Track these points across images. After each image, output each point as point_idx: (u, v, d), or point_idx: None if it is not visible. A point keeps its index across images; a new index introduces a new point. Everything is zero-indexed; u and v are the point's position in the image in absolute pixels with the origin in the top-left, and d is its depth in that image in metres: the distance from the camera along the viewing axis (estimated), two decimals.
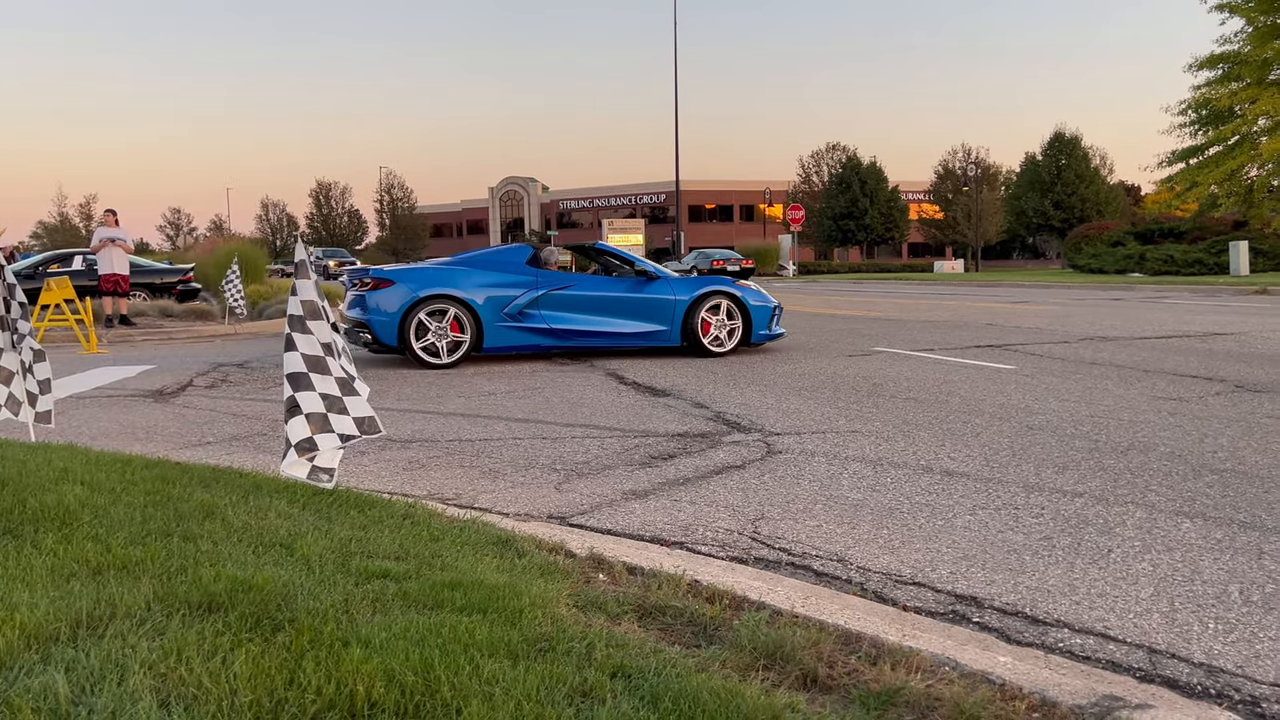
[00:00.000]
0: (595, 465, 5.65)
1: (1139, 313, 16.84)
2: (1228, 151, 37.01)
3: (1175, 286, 26.50)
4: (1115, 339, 12.04)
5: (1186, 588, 3.49)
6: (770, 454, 5.87)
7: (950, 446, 5.96)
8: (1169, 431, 6.21)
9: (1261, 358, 9.84)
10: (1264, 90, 35.91)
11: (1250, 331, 12.69)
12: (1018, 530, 4.23)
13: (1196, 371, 8.89)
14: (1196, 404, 7.20)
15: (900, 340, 12.49)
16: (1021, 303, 21.05)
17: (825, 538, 4.21)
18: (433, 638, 2.43)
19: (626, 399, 8.08)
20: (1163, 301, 20.68)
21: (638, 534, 4.30)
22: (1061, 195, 56.88)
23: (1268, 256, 33.60)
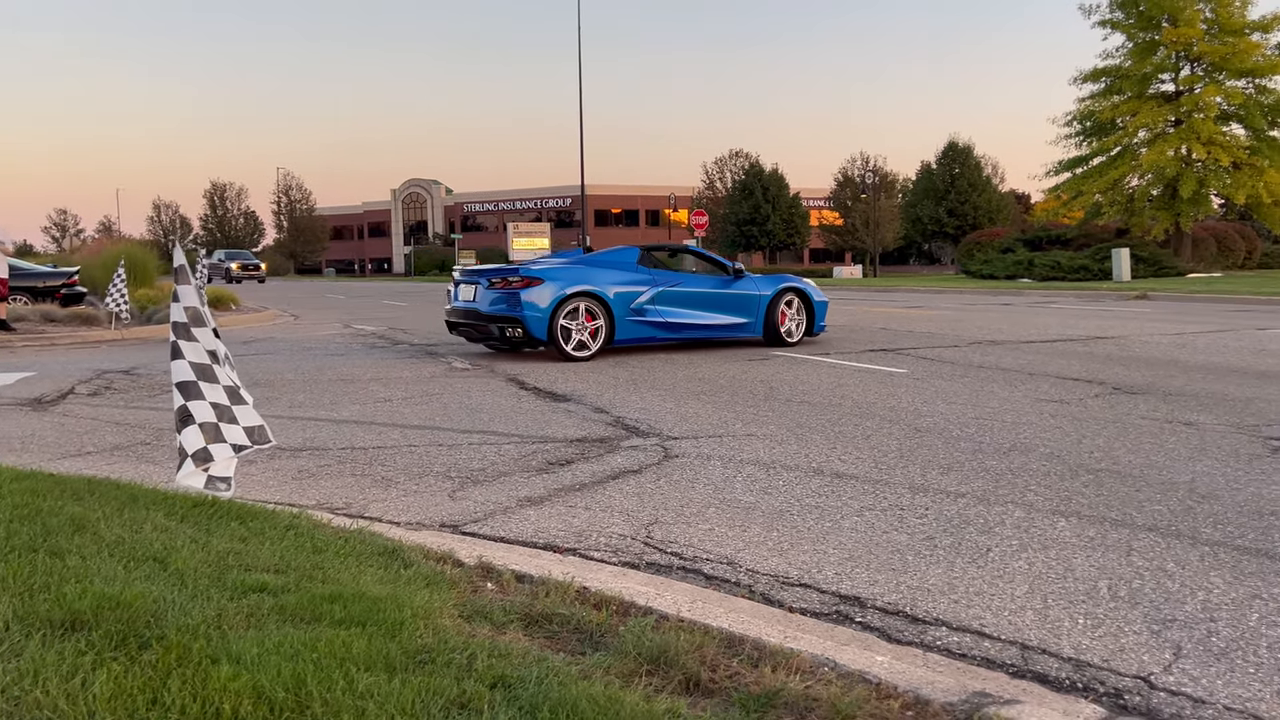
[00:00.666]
0: (491, 472, 5.60)
1: (1026, 317, 17.40)
2: (1110, 162, 38.57)
3: (1061, 291, 27.45)
4: (1003, 343, 12.42)
5: (1059, 585, 3.61)
6: (667, 458, 5.90)
7: (841, 449, 6.06)
8: (1049, 433, 6.42)
9: (1139, 361, 10.25)
10: (1143, 104, 37.54)
11: (1130, 335, 13.22)
12: (902, 531, 4.32)
13: (1078, 374, 9.22)
14: (1076, 406, 7.46)
15: (797, 345, 12.67)
16: (916, 307, 21.57)
17: (717, 541, 4.24)
18: (308, 652, 2.37)
19: (526, 405, 8.03)
20: (1049, 306, 21.40)
21: (531, 541, 4.27)
22: (955, 203, 58.56)
23: (1148, 263, 35.02)
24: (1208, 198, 38.17)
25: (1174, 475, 5.21)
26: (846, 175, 69.41)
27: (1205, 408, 7.26)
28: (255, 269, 58.20)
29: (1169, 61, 37.83)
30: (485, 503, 4.93)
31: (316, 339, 15.14)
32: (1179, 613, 3.32)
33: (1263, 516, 4.43)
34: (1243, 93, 36.59)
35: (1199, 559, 3.86)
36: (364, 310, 23.86)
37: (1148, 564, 3.81)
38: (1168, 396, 7.81)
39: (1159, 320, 16.20)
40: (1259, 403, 7.44)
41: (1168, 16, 36.63)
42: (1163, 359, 10.36)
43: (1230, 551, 3.95)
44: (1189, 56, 37.38)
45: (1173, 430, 6.43)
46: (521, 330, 11.17)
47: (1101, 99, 39.12)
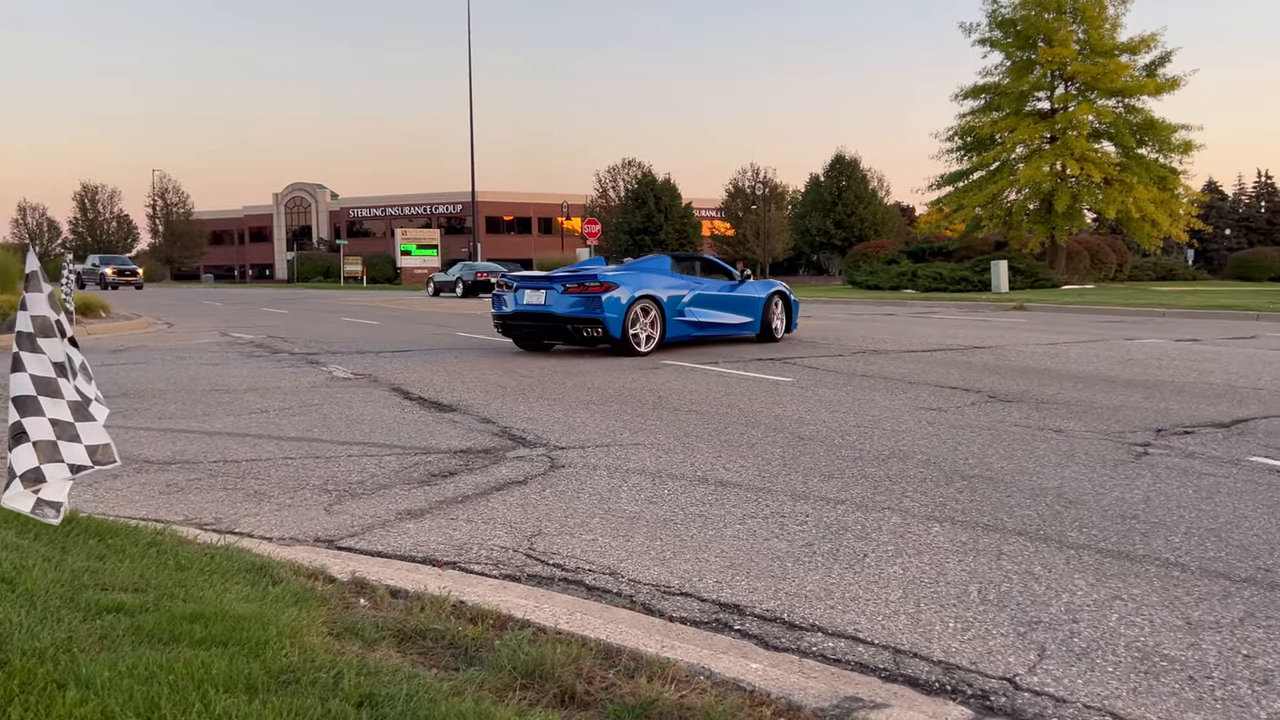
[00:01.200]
0: (371, 485, 5.49)
1: (909, 327, 17.89)
2: (990, 176, 40.00)
3: (943, 302, 28.33)
4: (886, 352, 12.74)
5: (932, 589, 3.71)
6: (553, 468, 5.87)
7: (726, 457, 6.13)
8: (927, 440, 6.61)
9: (1014, 370, 10.64)
10: (1021, 120, 39.06)
11: (1006, 345, 13.70)
12: (782, 538, 4.39)
13: (956, 383, 9.51)
14: (953, 413, 7.70)
15: (686, 354, 12.78)
16: (804, 317, 21.95)
17: (600, 551, 4.24)
18: (163, 674, 2.29)
19: (410, 415, 7.91)
20: (931, 316, 22.06)
21: (409, 555, 4.20)
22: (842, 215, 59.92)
23: (1025, 275, 36.41)
24: (1081, 212, 39.92)
25: (1044, 481, 5.41)
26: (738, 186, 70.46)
27: (1075, 415, 7.57)
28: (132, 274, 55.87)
29: (1045, 80, 39.44)
30: (363, 516, 4.83)
31: (191, 348, 14.65)
32: (1044, 614, 3.45)
33: (1125, 520, 4.63)
34: (1113, 111, 38.38)
35: (1065, 562, 4.02)
36: (243, 318, 23.20)
37: (1016, 567, 3.95)
38: (1040, 404, 8.12)
39: (1034, 330, 16.85)
40: (1125, 410, 7.79)
41: (1043, 36, 38.23)
42: (1036, 368, 10.77)
43: (1094, 554, 4.12)
44: (1063, 76, 39.06)
45: (1044, 437, 6.68)
46: (601, 330, 12.40)
47: (981, 115, 40.53)
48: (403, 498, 5.19)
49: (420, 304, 32.24)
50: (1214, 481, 5.36)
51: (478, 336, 16.35)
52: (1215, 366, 10.87)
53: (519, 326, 13.05)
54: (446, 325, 19.78)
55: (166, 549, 3.56)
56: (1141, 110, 38.67)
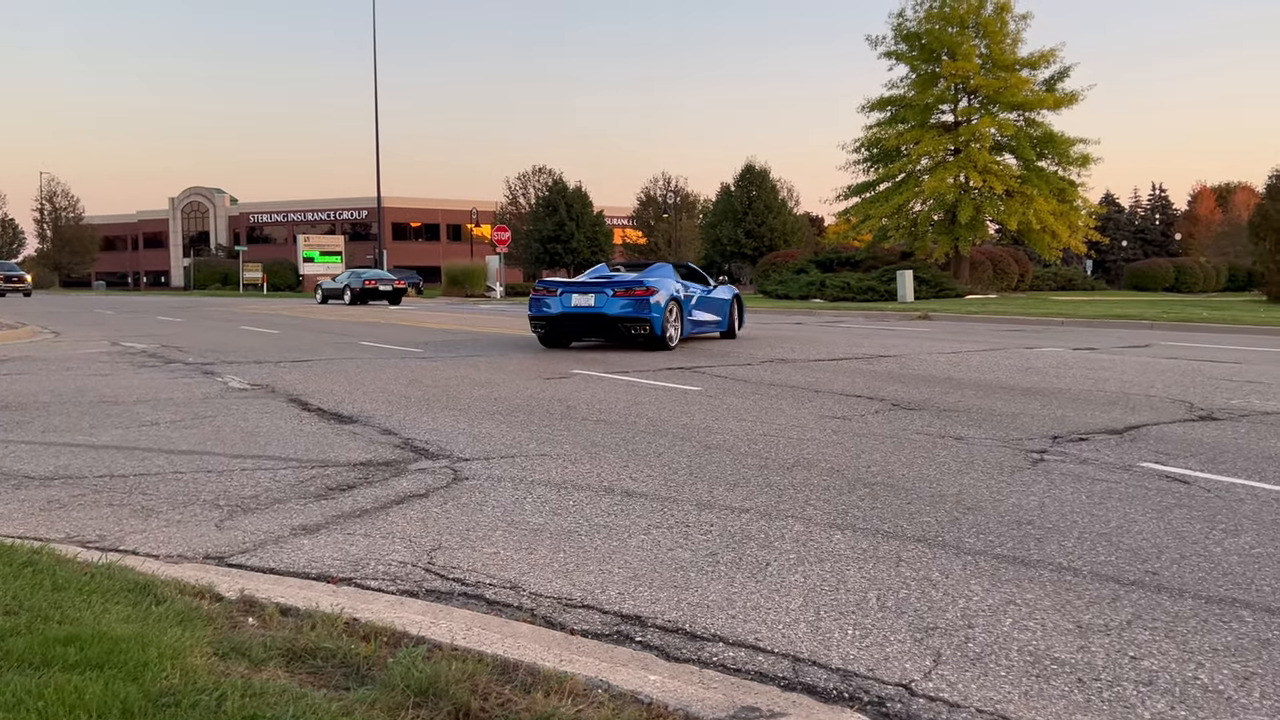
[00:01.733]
0: (265, 499, 5.36)
1: (817, 335, 18.18)
2: (895, 188, 40.96)
3: (851, 311, 28.86)
4: (793, 361, 12.92)
5: (832, 597, 3.77)
6: (456, 481, 5.82)
7: (633, 467, 6.14)
8: (831, 448, 6.71)
9: (917, 378, 10.88)
10: (926, 132, 40.08)
11: (911, 354, 14.01)
12: (686, 548, 4.41)
13: (861, 391, 9.69)
14: (858, 422, 7.84)
15: (597, 363, 12.78)
16: None
17: (501, 565, 4.21)
18: (32, 700, 2.19)
19: (308, 427, 7.76)
20: (838, 325, 22.44)
21: (303, 572, 4.11)
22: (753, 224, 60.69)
23: (930, 285, 37.31)
24: (984, 223, 41.11)
25: (943, 488, 5.54)
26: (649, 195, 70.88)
27: (975, 423, 7.77)
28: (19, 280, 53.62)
29: (949, 93, 40.54)
30: (255, 532, 4.71)
31: (79, 358, 14.14)
32: (940, 620, 3.52)
33: (1020, 526, 4.76)
34: (1014, 125, 39.62)
35: (961, 568, 4.11)
36: (135, 326, 22.49)
37: (915, 574, 4.03)
38: (942, 412, 8.31)
39: (938, 339, 17.26)
40: (1023, 418, 8.02)
41: (947, 50, 39.31)
42: (939, 376, 11.03)
43: (990, 560, 4.23)
44: (967, 89, 40.20)
45: (944, 444, 6.84)
46: (648, 329, 14.33)
47: (887, 126, 41.47)
48: (298, 512, 5.08)
49: (323, 312, 31.66)
50: (1106, 487, 5.55)
51: (383, 346, 16.11)
52: (1110, 375, 11.26)
53: (566, 326, 14.80)
54: (350, 334, 19.45)
55: (43, 568, 3.43)
56: (1041, 124, 40.02)
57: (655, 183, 71.50)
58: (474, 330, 20.79)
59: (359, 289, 40.79)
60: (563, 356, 13.79)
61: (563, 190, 67.64)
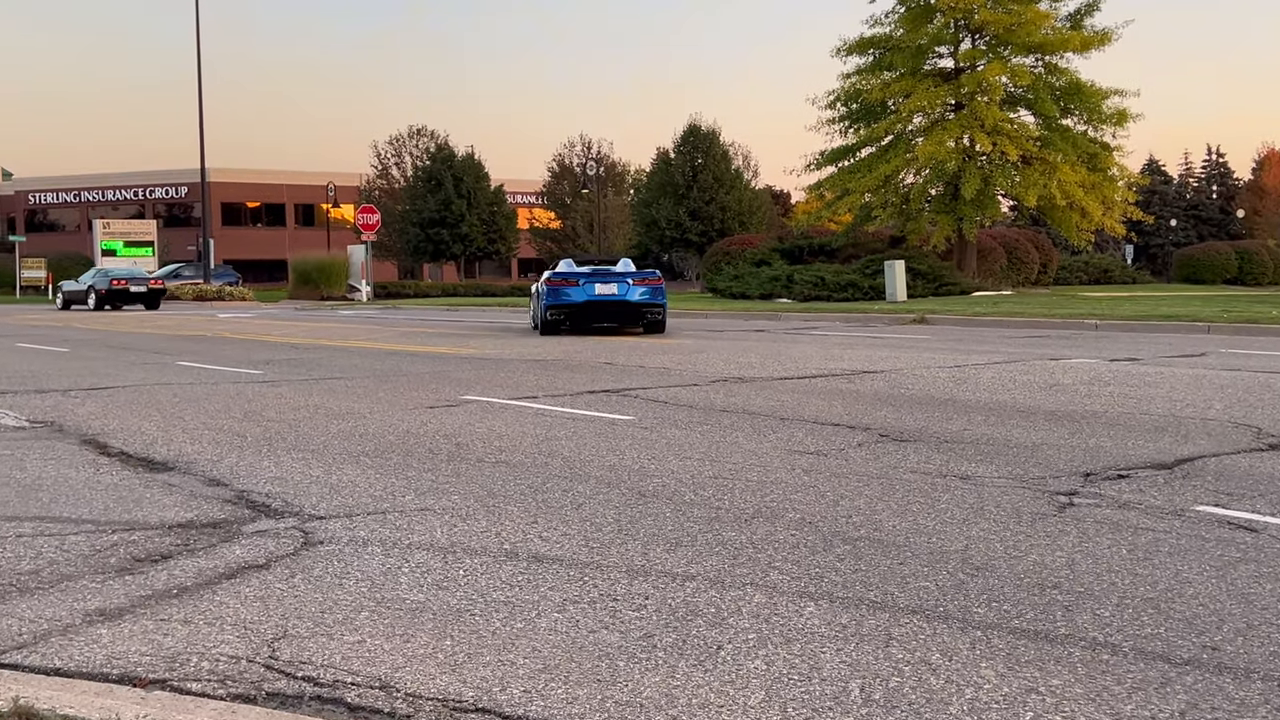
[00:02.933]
0: (48, 576, 5.26)
1: (783, 347, 18.34)
2: (881, 154, 41.40)
3: (826, 314, 29.20)
4: (753, 380, 13.02)
5: (803, 688, 3.79)
6: (307, 546, 5.76)
7: (544, 523, 6.13)
8: (801, 493, 6.77)
9: (911, 400, 11.03)
10: (918, 82, 40.54)
11: (903, 369, 14.21)
12: (614, 628, 4.41)
13: (839, 418, 9.80)
14: (835, 458, 7.92)
15: (497, 385, 12.76)
16: (649, 336, 22.25)
17: (368, 657, 4.17)
18: None
19: (108, 477, 7.62)
20: (811, 333, 22.68)
21: (100, 673, 4.04)
22: (698, 202, 61.05)
23: (927, 279, 37.84)
24: (995, 199, 41.63)
25: (945, 543, 5.61)
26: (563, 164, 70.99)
27: (985, 457, 7.89)
28: None
29: (947, 31, 41.05)
30: (36, 620, 4.62)
31: None
32: (942, 716, 3.56)
33: (1044, 590, 4.84)
34: (1031, 72, 40.19)
35: (969, 647, 4.17)
36: None
37: (909, 656, 4.07)
38: (943, 444, 8.44)
39: (938, 350, 17.53)
40: (1046, 449, 8.17)
41: None
42: (940, 398, 11.20)
43: (1005, 635, 4.29)
44: (970, 26, 40.74)
45: (946, 486, 6.94)
46: (662, 313, 22.42)
47: (869, 75, 41.92)
48: (94, 593, 4.99)
49: (130, 324, 31.16)
50: (1153, 538, 5.66)
51: (209, 367, 15.89)
52: (1156, 393, 11.53)
53: (589, 313, 21.93)
54: (165, 351, 19.18)
55: None
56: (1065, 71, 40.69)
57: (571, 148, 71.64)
58: (332, 344, 20.62)
59: (105, 290, 43.09)
60: (453, 378, 13.74)
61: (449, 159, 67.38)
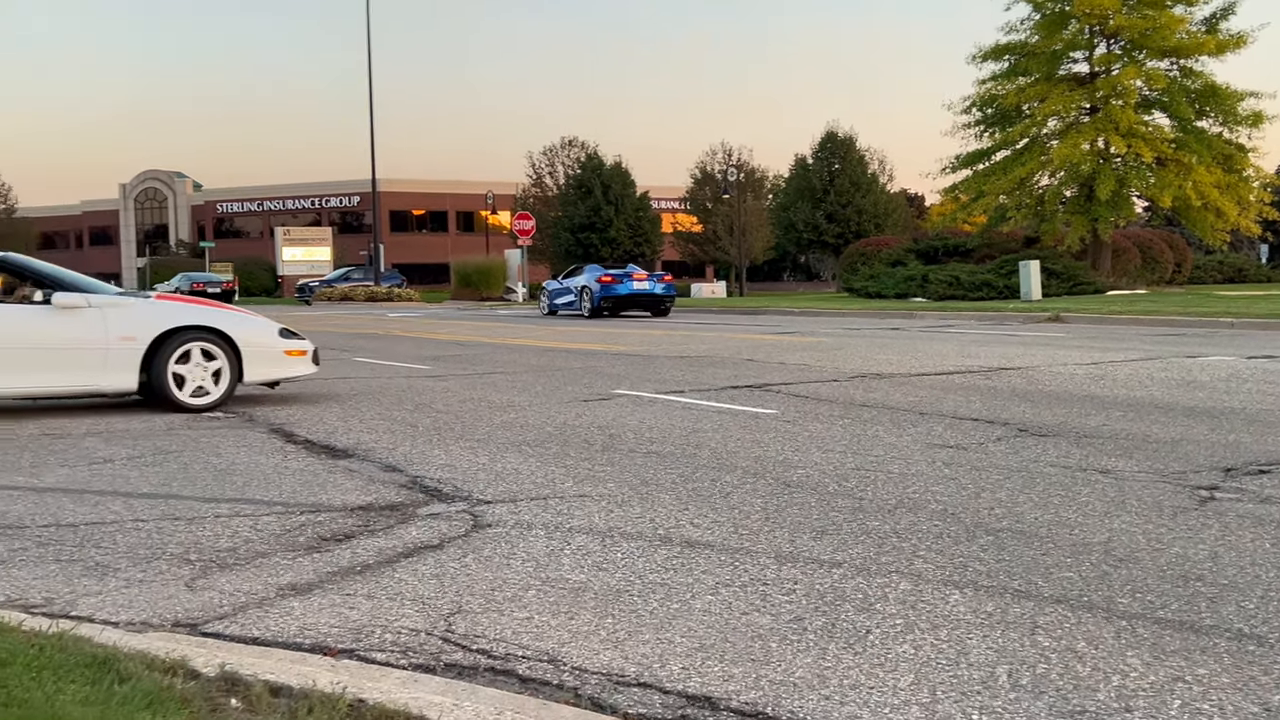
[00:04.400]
0: (245, 553, 5.45)
1: (919, 345, 18.09)
2: (1016, 157, 40.51)
3: (961, 313, 28.69)
4: (891, 376, 12.88)
5: (951, 672, 3.75)
6: (477, 528, 5.87)
7: (694, 510, 6.16)
8: (943, 485, 6.68)
9: (1049, 396, 10.79)
10: (1053, 87, 39.61)
11: (1039, 366, 13.90)
12: (765, 611, 4.41)
13: (978, 414, 9.63)
14: (975, 452, 7.79)
15: (646, 381, 12.83)
16: (789, 333, 22.15)
17: (536, 633, 4.24)
18: None
19: (295, 463, 7.87)
20: (946, 331, 22.32)
21: (294, 642, 4.18)
22: (835, 206, 60.47)
23: (1061, 278, 36.94)
24: (1129, 200, 40.49)
25: (1087, 535, 5.48)
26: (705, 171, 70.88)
27: (1125, 452, 7.69)
28: None
29: (1081, 37, 40.03)
30: (235, 593, 4.79)
31: None
32: (1090, 702, 3.49)
33: (1188, 582, 4.71)
34: (1166, 75, 38.98)
35: (1114, 636, 4.07)
36: None
37: (1055, 644, 4.00)
38: (1082, 439, 8.24)
39: (1074, 347, 17.10)
40: (1186, 445, 7.92)
41: None
42: (1077, 394, 10.94)
43: (1150, 625, 4.18)
44: (1104, 32, 39.67)
45: (1087, 480, 6.78)
46: (671, 302, 32.14)
47: (1005, 80, 41.07)
48: (285, 569, 5.16)
49: (308, 319, 32.05)
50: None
51: (382, 362, 16.29)
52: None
53: (628, 301, 31.22)
54: (343, 348, 19.68)
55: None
56: (1200, 74, 39.36)
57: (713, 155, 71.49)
58: (492, 341, 20.96)
59: (188, 291, 47.71)
60: (604, 374, 13.86)
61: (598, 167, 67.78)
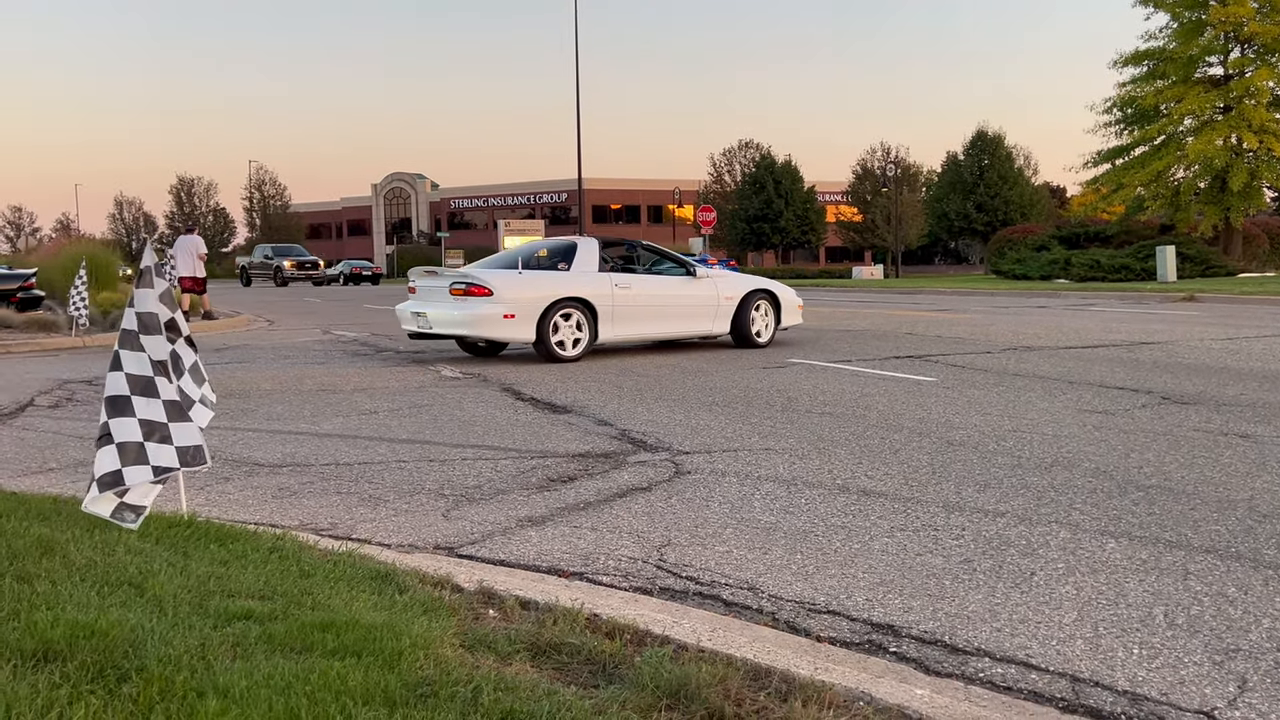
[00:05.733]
0: (487, 490, 5.61)
1: (1064, 320, 17.40)
2: (1153, 152, 38.56)
3: (1101, 293, 27.46)
4: (1039, 348, 12.43)
5: (1111, 611, 3.61)
6: (678, 474, 5.91)
7: (868, 464, 6.07)
8: (1094, 446, 6.42)
9: (1188, 368, 10.26)
10: (1189, 89, 37.54)
11: (1177, 340, 13.22)
12: (937, 553, 4.33)
13: (1123, 383, 9.22)
14: (1122, 417, 7.47)
15: (816, 351, 12.69)
16: (943, 310, 21.57)
17: (735, 564, 4.25)
18: (300, 685, 2.38)
19: (523, 416, 8.05)
20: (1088, 309, 21.41)
21: (534, 565, 4.28)
22: (984, 197, 58.55)
23: (1195, 262, 35.01)
24: (1260, 190, 38.18)
25: (1231, 493, 5.21)
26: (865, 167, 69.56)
27: (1262, 419, 7.26)
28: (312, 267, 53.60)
29: (1217, 43, 37.84)
30: (482, 523, 4.94)
31: (294, 346, 15.17)
32: (1243, 642, 3.32)
33: None
34: None
35: (1263, 583, 3.86)
36: (344, 315, 23.90)
37: (1206, 589, 3.81)
38: (1221, 407, 7.81)
39: (1209, 324, 16.21)
40: None
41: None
42: (1214, 366, 10.37)
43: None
44: (1239, 38, 37.40)
45: (1228, 443, 6.43)
46: None
47: (1144, 84, 39.12)
48: (522, 504, 5.29)
49: None
50: None
51: None
52: None
53: None
54: None
55: (289, 555, 3.70)
56: None
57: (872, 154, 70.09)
58: None
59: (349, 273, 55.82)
60: (778, 343, 13.76)
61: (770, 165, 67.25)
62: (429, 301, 11.98)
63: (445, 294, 11.73)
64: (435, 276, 12.26)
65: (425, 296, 12.11)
